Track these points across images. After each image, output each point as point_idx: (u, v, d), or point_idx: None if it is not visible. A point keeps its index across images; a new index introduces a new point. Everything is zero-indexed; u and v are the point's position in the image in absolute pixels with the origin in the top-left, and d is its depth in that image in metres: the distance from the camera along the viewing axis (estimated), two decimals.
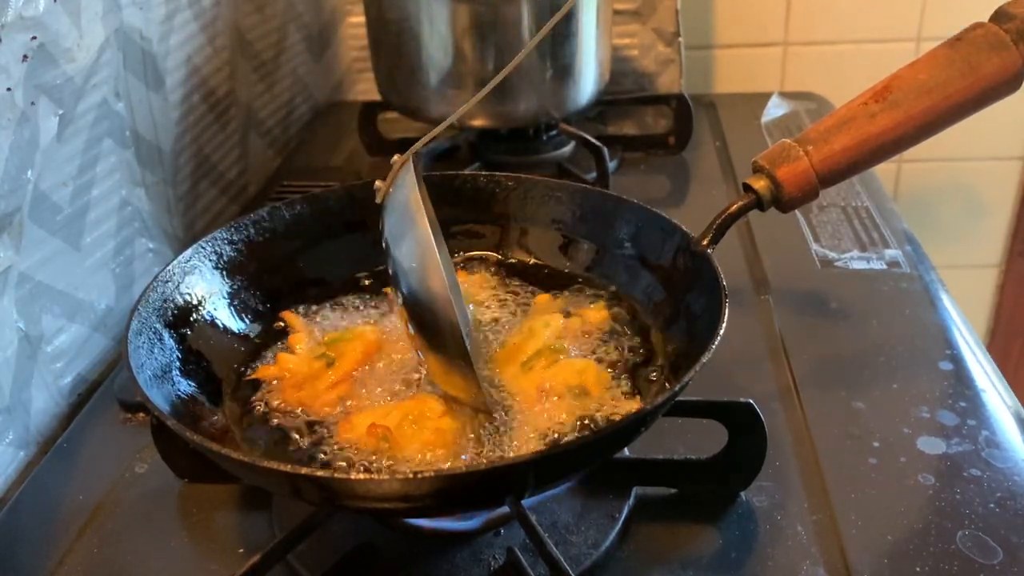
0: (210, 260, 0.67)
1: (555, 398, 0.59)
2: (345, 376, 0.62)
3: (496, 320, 0.69)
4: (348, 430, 0.57)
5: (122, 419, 0.73)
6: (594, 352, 0.64)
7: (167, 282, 0.63)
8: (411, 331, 0.59)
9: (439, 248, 0.61)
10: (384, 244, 0.59)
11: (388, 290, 0.69)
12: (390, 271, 0.59)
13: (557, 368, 0.61)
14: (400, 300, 0.59)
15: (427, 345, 0.58)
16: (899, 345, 0.75)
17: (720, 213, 0.63)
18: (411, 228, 0.56)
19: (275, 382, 0.63)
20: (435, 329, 0.56)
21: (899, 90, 0.62)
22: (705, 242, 0.62)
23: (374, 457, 0.55)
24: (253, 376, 0.64)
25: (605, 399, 0.59)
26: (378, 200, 0.59)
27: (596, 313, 0.67)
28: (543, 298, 0.70)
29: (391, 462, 0.55)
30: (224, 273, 0.68)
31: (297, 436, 0.58)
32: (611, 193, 0.73)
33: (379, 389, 0.62)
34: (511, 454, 0.55)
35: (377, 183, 0.59)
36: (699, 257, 0.62)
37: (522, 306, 0.70)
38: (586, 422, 0.58)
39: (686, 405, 0.60)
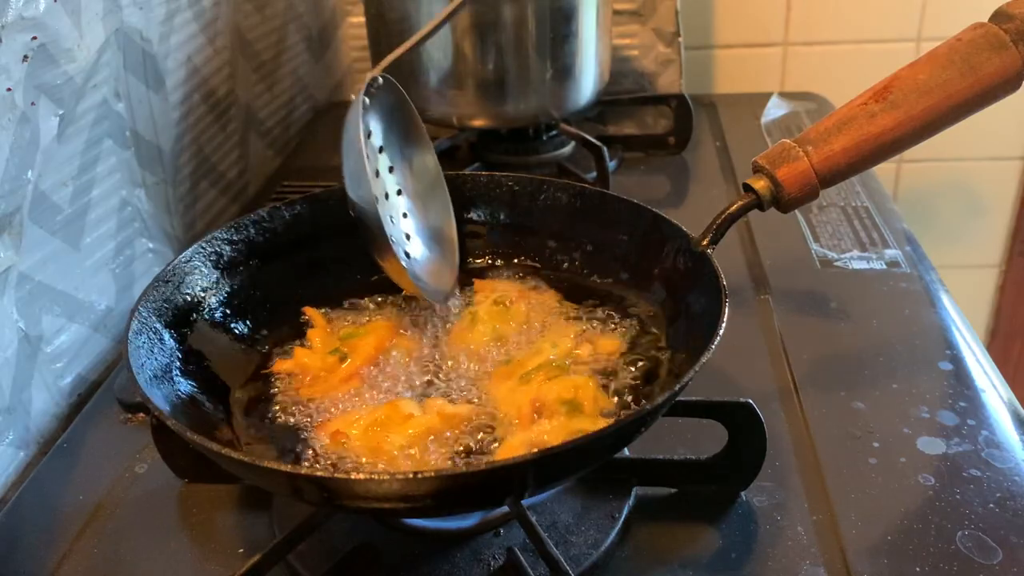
0: (210, 260, 0.67)
1: (546, 415, 0.57)
2: (357, 371, 0.63)
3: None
4: (323, 433, 0.59)
5: (122, 419, 0.73)
6: (599, 375, 0.62)
7: (167, 282, 0.63)
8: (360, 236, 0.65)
9: (418, 152, 0.72)
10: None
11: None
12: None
13: (555, 382, 0.60)
14: (352, 212, 0.65)
15: (369, 243, 0.65)
16: (899, 345, 0.75)
17: (720, 213, 0.63)
18: (349, 143, 0.63)
19: (289, 376, 0.65)
20: (370, 231, 0.63)
21: (899, 90, 0.62)
22: (705, 242, 0.62)
23: (336, 458, 0.57)
24: (271, 369, 0.65)
25: (598, 420, 0.57)
26: (352, 97, 0.66)
27: (609, 342, 0.65)
28: (552, 296, 0.69)
29: (350, 464, 0.56)
30: (224, 273, 0.68)
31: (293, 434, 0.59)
32: (611, 193, 0.73)
33: (390, 383, 0.63)
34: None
35: (355, 90, 0.65)
36: (699, 257, 0.62)
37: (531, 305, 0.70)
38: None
39: (686, 405, 0.60)
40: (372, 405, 0.61)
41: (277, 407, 0.62)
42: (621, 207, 0.70)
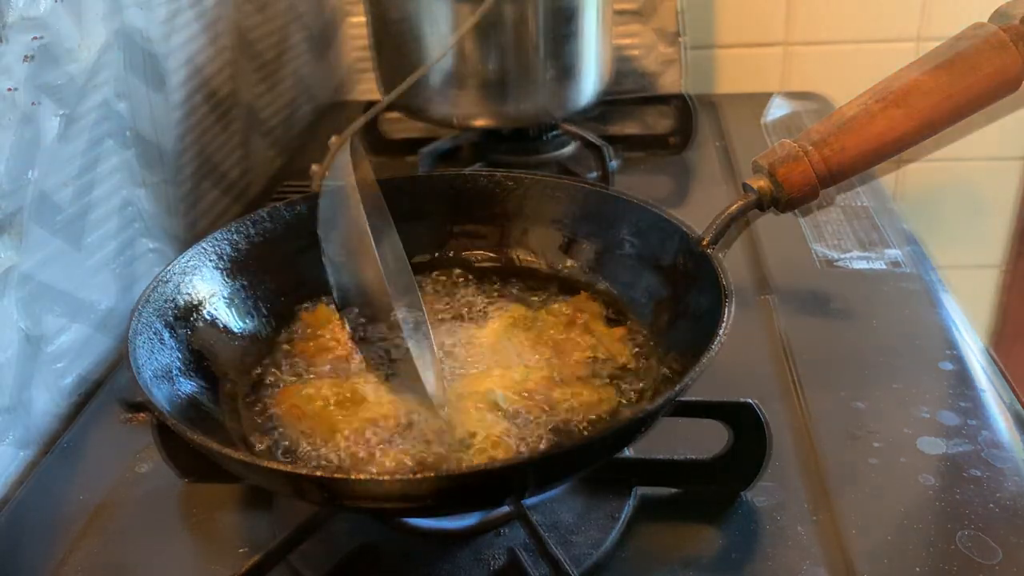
0: (211, 260, 0.67)
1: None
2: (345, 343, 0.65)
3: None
4: (280, 402, 0.60)
5: (124, 419, 0.73)
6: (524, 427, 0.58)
7: (168, 282, 0.63)
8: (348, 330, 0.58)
9: (386, 237, 0.62)
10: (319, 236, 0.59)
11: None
12: (325, 265, 0.58)
13: (460, 413, 0.57)
14: (336, 296, 0.58)
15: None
16: (900, 345, 0.75)
17: (720, 213, 0.63)
18: (345, 217, 0.55)
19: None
20: (373, 320, 0.57)
21: (899, 90, 0.62)
22: (706, 242, 0.62)
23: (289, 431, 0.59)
24: (300, 316, 0.70)
25: (450, 460, 0.55)
26: (313, 188, 0.58)
27: (593, 392, 0.61)
28: (615, 335, 0.66)
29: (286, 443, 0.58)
30: (225, 273, 0.68)
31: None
32: (613, 193, 0.73)
33: (381, 356, 0.62)
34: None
35: (313, 167, 0.57)
36: (700, 257, 0.62)
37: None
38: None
39: (688, 405, 0.60)
40: (345, 376, 0.62)
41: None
42: (623, 207, 0.71)
